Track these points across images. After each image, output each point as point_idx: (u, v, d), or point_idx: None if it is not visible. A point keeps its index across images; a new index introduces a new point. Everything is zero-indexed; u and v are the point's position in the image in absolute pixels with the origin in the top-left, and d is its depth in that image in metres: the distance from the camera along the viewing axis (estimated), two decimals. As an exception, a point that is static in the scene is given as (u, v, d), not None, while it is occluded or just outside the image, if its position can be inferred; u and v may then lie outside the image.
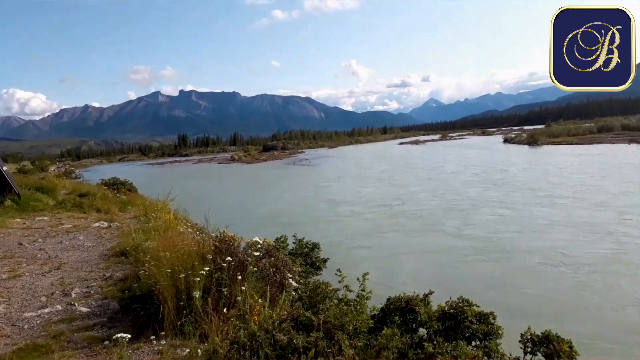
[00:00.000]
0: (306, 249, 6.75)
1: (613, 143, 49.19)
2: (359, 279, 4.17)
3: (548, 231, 13.70)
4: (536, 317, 7.39)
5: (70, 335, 4.58)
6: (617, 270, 9.98)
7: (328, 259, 7.16)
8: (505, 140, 73.11)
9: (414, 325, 3.47)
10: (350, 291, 4.19)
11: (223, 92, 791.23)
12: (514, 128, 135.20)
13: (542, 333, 3.15)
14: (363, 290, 4.14)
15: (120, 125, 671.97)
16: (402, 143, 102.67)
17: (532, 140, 61.91)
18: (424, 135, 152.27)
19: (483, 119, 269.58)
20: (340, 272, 4.16)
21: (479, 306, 3.42)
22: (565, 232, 13.46)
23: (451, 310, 3.44)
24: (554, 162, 35.66)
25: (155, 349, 4.16)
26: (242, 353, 3.35)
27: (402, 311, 3.53)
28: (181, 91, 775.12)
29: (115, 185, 20.22)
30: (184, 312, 4.40)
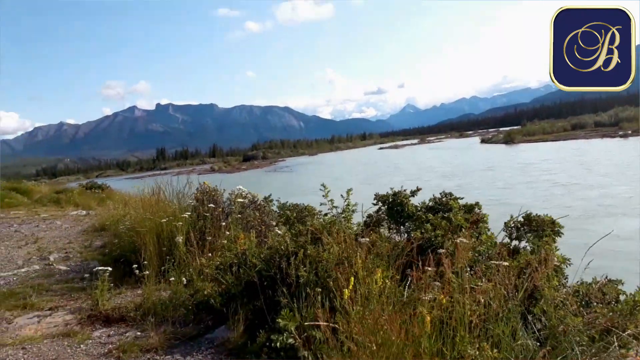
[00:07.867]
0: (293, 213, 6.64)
1: (587, 139, 50.68)
2: (342, 196, 4.12)
3: None
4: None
5: (49, 286, 4.49)
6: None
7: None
8: (483, 141, 74.32)
9: (400, 219, 3.48)
10: (336, 207, 4.14)
11: (200, 104, 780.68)
12: (490, 130, 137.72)
13: (523, 217, 3.23)
14: (348, 204, 4.10)
15: (97, 141, 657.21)
16: (381, 148, 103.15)
17: (509, 139, 63.36)
18: (402, 140, 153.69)
19: (460, 123, 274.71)
20: (324, 186, 4.07)
21: (462, 197, 3.45)
22: None
23: (436, 206, 3.48)
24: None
25: (138, 292, 4.08)
26: (228, 271, 3.29)
27: (390, 206, 3.53)
28: (158, 105, 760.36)
29: (92, 188, 19.84)
30: (167, 257, 4.31)
